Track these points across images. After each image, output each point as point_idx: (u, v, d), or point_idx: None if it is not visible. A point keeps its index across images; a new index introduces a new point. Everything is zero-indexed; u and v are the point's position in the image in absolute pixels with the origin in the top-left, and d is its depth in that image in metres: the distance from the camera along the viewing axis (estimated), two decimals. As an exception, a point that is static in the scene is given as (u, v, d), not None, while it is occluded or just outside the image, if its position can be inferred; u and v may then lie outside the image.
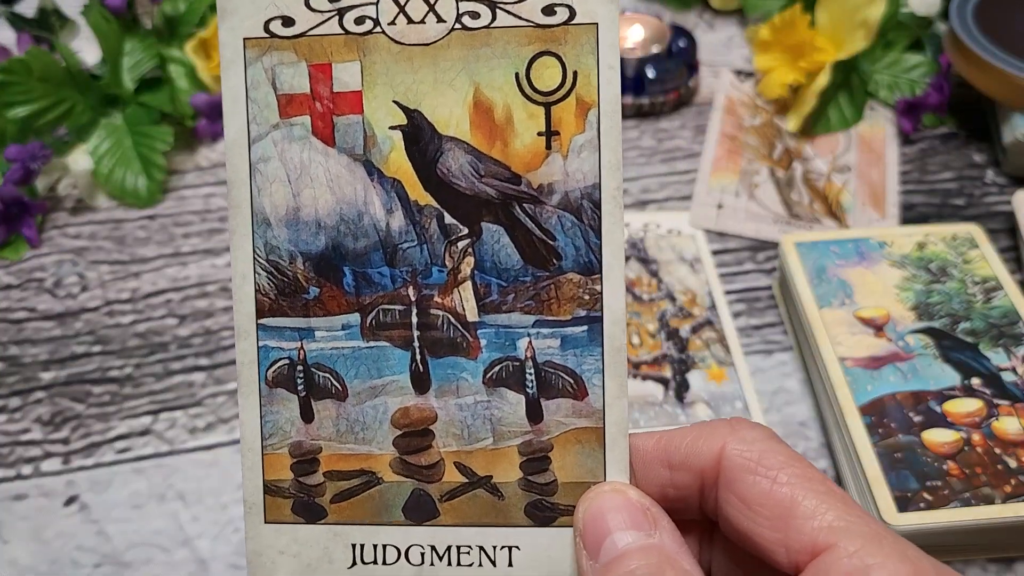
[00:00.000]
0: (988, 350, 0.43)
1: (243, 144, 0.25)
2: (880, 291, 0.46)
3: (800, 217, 0.56)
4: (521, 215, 0.24)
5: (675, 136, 0.63)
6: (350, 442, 0.25)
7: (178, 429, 0.45)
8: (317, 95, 0.25)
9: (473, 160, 0.24)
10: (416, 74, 0.24)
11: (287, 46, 0.25)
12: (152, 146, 0.58)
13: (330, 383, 0.25)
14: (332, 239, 0.25)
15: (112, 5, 0.59)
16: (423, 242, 0.25)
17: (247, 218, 0.25)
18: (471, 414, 0.25)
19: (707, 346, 0.48)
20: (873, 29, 0.59)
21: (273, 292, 0.25)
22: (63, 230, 0.57)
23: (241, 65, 0.25)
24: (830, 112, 0.62)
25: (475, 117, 0.24)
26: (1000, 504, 0.37)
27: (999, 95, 0.57)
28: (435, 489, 0.25)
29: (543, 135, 0.24)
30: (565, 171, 0.24)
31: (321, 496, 0.25)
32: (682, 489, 0.24)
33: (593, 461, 0.24)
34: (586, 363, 0.24)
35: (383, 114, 0.24)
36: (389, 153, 0.25)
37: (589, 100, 0.24)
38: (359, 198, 0.25)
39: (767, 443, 0.23)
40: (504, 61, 0.24)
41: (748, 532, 0.22)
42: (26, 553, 0.41)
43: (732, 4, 0.73)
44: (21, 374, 0.48)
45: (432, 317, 0.25)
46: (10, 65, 0.55)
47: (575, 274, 0.24)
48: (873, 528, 0.21)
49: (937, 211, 0.56)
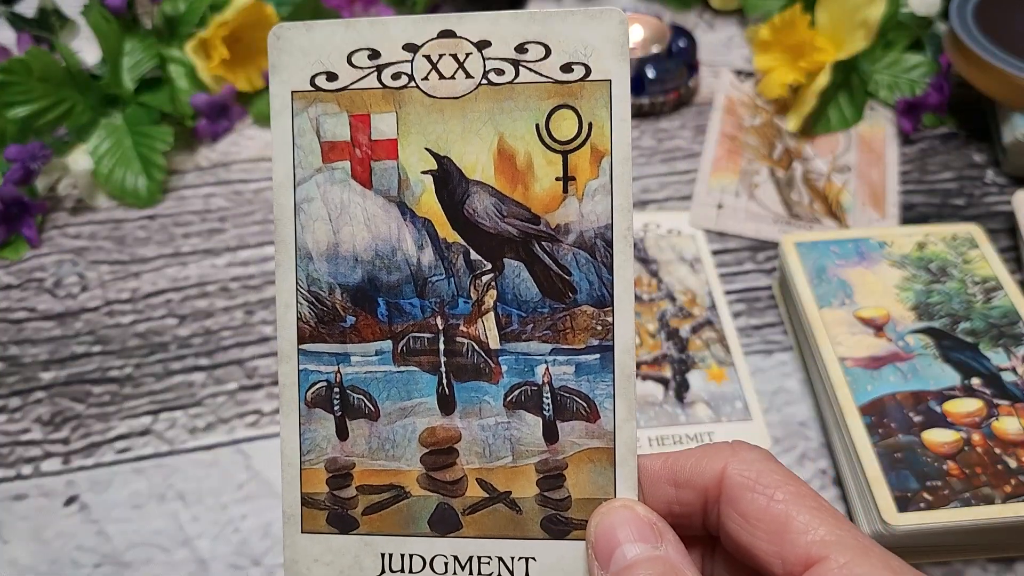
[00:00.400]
0: (988, 350, 0.43)
1: (289, 186, 0.27)
2: (880, 291, 0.46)
3: (800, 217, 0.56)
4: (540, 252, 0.27)
5: (675, 136, 0.63)
6: (381, 459, 0.27)
7: (178, 429, 0.45)
8: (357, 142, 0.27)
9: (497, 202, 0.27)
10: (446, 124, 0.27)
11: (331, 98, 0.27)
12: (152, 146, 0.58)
13: (364, 404, 0.27)
14: (368, 272, 0.27)
15: (112, 5, 0.59)
16: (450, 276, 0.27)
17: (291, 252, 0.27)
18: (492, 434, 0.27)
19: (707, 346, 0.48)
20: (873, 29, 0.59)
21: (313, 320, 0.27)
22: (63, 230, 0.57)
23: (289, 115, 0.28)
24: (830, 112, 0.62)
25: (499, 163, 0.27)
26: (1000, 504, 0.37)
27: (999, 95, 0.57)
28: (458, 503, 0.27)
29: (560, 180, 0.26)
30: (580, 213, 0.26)
31: (354, 508, 0.27)
32: (687, 506, 0.26)
33: (604, 479, 0.26)
34: (598, 388, 0.26)
35: (416, 160, 0.27)
36: (421, 195, 0.27)
37: (603, 149, 0.26)
38: (393, 235, 0.27)
39: (765, 464, 0.25)
40: (526, 113, 0.26)
41: (747, 546, 0.24)
42: (26, 553, 0.41)
43: (732, 4, 0.73)
44: (21, 374, 0.48)
45: (458, 344, 0.27)
46: (10, 65, 0.55)
47: (589, 307, 0.26)
48: (861, 541, 0.23)
49: (937, 211, 0.56)
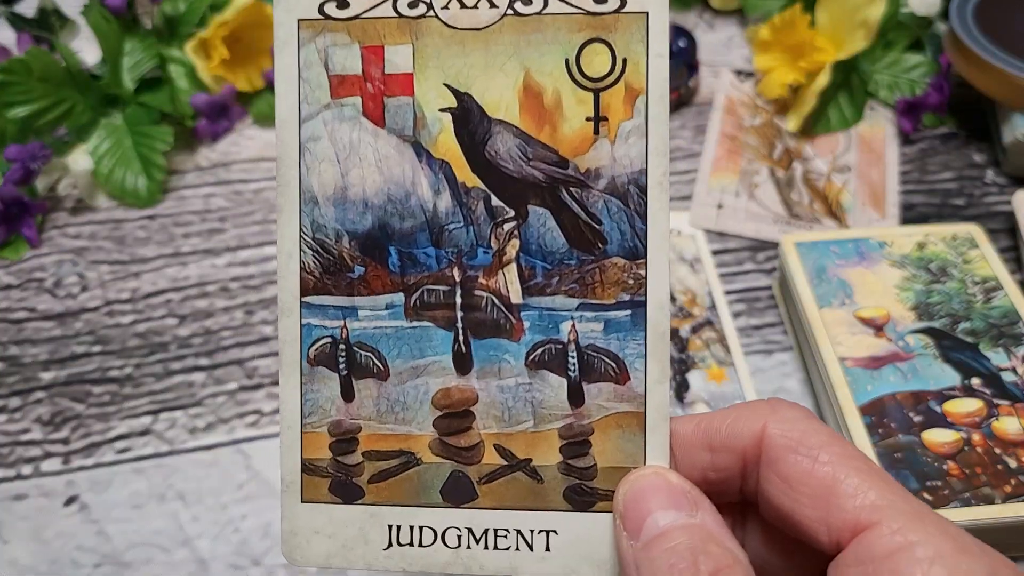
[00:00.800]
0: (988, 350, 0.43)
1: (293, 123, 0.25)
2: (880, 291, 0.46)
3: (800, 217, 0.56)
4: (568, 199, 0.25)
5: (675, 136, 0.63)
6: (390, 422, 0.25)
7: (178, 429, 0.45)
8: (369, 76, 0.25)
9: (521, 143, 0.25)
10: (467, 58, 0.25)
11: (340, 28, 0.25)
12: (152, 146, 0.58)
13: (372, 362, 0.25)
14: (379, 219, 0.25)
15: (112, 5, 0.59)
16: (469, 224, 0.25)
17: (295, 196, 0.25)
18: (512, 396, 0.25)
19: (707, 346, 0.48)
20: (873, 29, 0.59)
21: (318, 270, 0.25)
22: (63, 230, 0.57)
23: (294, 45, 0.25)
24: (830, 112, 0.62)
25: (525, 101, 0.24)
26: (1000, 504, 0.37)
27: (999, 95, 0.57)
28: (474, 471, 0.25)
29: (591, 120, 0.24)
30: (612, 156, 0.24)
31: (359, 476, 0.25)
32: (723, 471, 0.24)
33: (634, 446, 0.24)
34: (629, 347, 0.25)
35: (433, 96, 0.25)
36: (438, 135, 0.25)
37: (638, 87, 0.24)
38: (407, 179, 0.25)
39: (808, 423, 0.23)
40: (555, 47, 0.24)
41: (789, 511, 0.22)
42: (26, 553, 0.41)
43: (732, 4, 0.73)
44: (21, 374, 0.48)
45: (476, 298, 0.25)
46: (10, 65, 0.55)
47: (620, 258, 0.25)
48: (915, 507, 0.21)
49: (937, 211, 0.56)
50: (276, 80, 0.25)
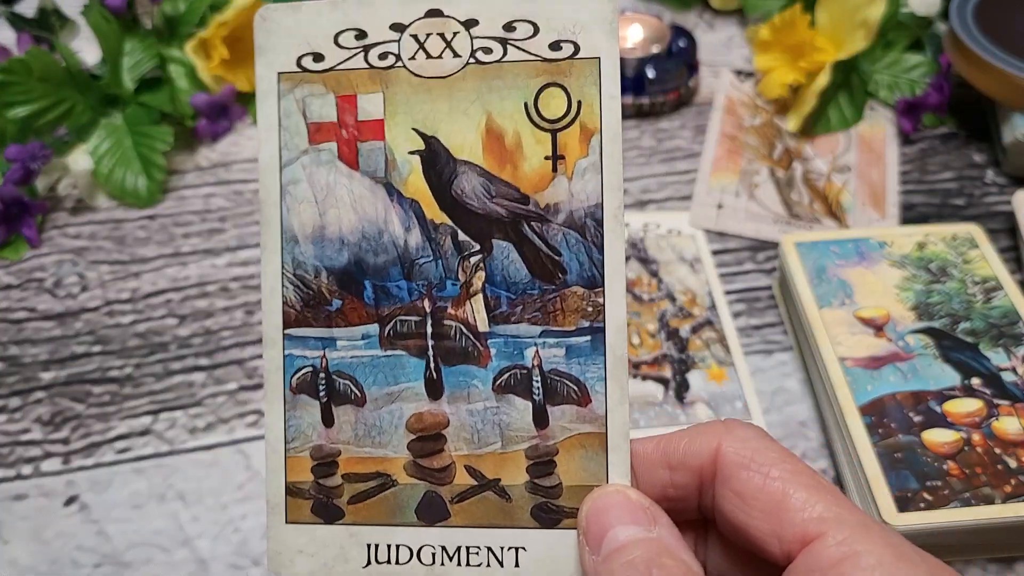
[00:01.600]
0: (988, 350, 0.43)
1: (275, 168, 0.27)
2: (880, 291, 0.46)
3: (800, 217, 0.56)
4: (529, 232, 0.26)
5: (675, 136, 0.63)
6: (367, 446, 0.27)
7: (178, 429, 0.45)
8: (343, 123, 0.27)
9: (485, 182, 0.26)
10: (434, 104, 0.26)
11: (317, 79, 0.27)
12: (152, 146, 0.58)
13: (350, 389, 0.27)
14: (354, 255, 0.27)
15: (112, 5, 0.59)
16: (438, 257, 0.27)
17: (277, 235, 0.27)
18: (481, 419, 0.26)
19: (707, 346, 0.48)
20: (873, 29, 0.59)
21: (299, 304, 0.27)
22: (63, 230, 0.57)
23: (275, 97, 0.27)
24: (830, 112, 0.62)
25: (487, 142, 0.26)
26: (1000, 504, 0.37)
27: (999, 95, 0.57)
28: (446, 491, 0.26)
29: (550, 159, 0.26)
30: (570, 192, 0.26)
31: (339, 497, 0.27)
32: (681, 488, 0.25)
33: (596, 465, 0.26)
34: (589, 371, 0.26)
35: (403, 140, 0.27)
36: (408, 176, 0.27)
37: (592, 127, 0.26)
38: (380, 217, 0.27)
39: (760, 441, 0.24)
40: (514, 92, 0.26)
41: (743, 525, 0.23)
42: (26, 553, 0.41)
43: (732, 4, 0.73)
44: (21, 374, 0.48)
45: (446, 327, 0.27)
46: (10, 65, 0.55)
47: (579, 287, 0.26)
48: (859, 518, 0.22)
49: (937, 211, 0.56)
50: (259, 128, 0.27)
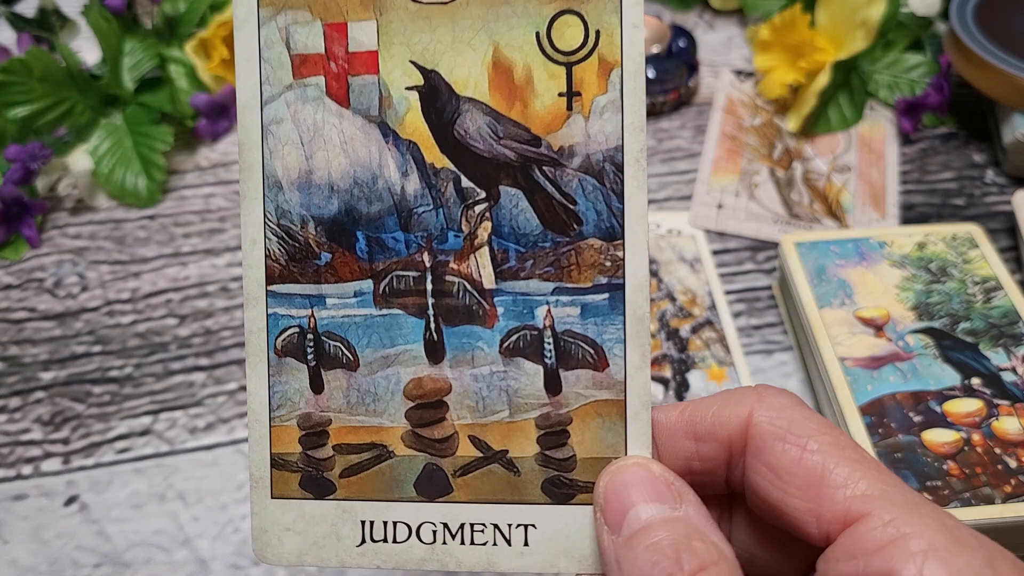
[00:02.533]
0: (988, 350, 0.43)
1: (255, 106, 0.24)
2: (880, 291, 0.46)
3: (800, 217, 0.56)
4: (541, 178, 0.24)
5: (675, 136, 0.63)
6: (361, 414, 0.24)
7: (178, 429, 0.45)
8: (332, 55, 0.24)
9: (491, 121, 0.24)
10: (434, 33, 0.23)
11: (302, 4, 0.24)
12: (152, 146, 0.58)
13: (341, 352, 0.24)
14: (345, 203, 0.24)
15: (112, 5, 0.59)
16: (439, 206, 0.24)
17: (258, 181, 0.24)
18: (487, 385, 0.24)
19: (707, 346, 0.48)
20: (873, 29, 0.59)
21: (284, 258, 0.24)
22: (63, 230, 0.57)
23: (255, 24, 0.24)
24: (830, 112, 0.62)
25: (494, 77, 0.24)
26: (1000, 504, 0.37)
27: (999, 95, 0.57)
28: (448, 464, 0.24)
29: (564, 96, 0.23)
30: (587, 133, 0.23)
31: (330, 470, 0.24)
32: (709, 461, 0.23)
33: (614, 435, 0.23)
34: (607, 332, 0.24)
35: (399, 74, 0.24)
36: (405, 114, 0.24)
37: (612, 60, 0.23)
38: (373, 160, 0.24)
39: (796, 410, 0.22)
40: (524, 20, 0.23)
41: (777, 502, 0.21)
42: (26, 553, 0.41)
43: (732, 4, 0.73)
44: (21, 374, 0.48)
45: (447, 284, 0.24)
46: (10, 65, 0.55)
47: (596, 240, 0.24)
48: (909, 497, 0.20)
49: (937, 211, 0.56)
50: (236, 61, 0.24)
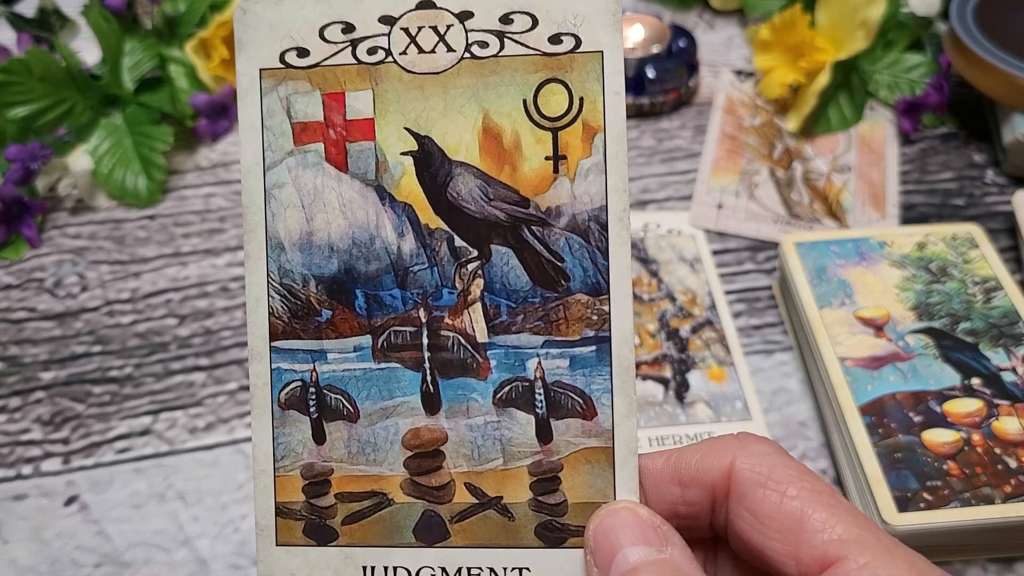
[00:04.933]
0: (988, 350, 0.43)
1: (258, 171, 0.25)
2: (880, 291, 0.46)
3: (800, 217, 0.56)
4: (530, 237, 0.25)
5: (675, 136, 0.63)
6: (361, 463, 0.25)
7: (178, 429, 0.45)
8: (331, 123, 0.25)
9: (482, 184, 0.25)
10: (427, 101, 0.25)
11: (302, 76, 0.25)
12: (152, 146, 0.58)
13: (342, 404, 0.26)
14: (344, 262, 0.25)
15: (112, 5, 0.59)
16: (434, 265, 0.25)
17: (261, 242, 0.25)
18: (481, 435, 0.25)
19: (707, 346, 0.48)
20: (873, 29, 0.59)
21: (286, 315, 0.26)
22: (63, 230, 0.57)
23: (257, 94, 0.25)
24: (830, 112, 0.62)
25: (484, 142, 0.25)
26: (1000, 504, 0.37)
27: (999, 95, 0.57)
28: (445, 510, 0.25)
29: (551, 159, 0.25)
30: (572, 194, 0.25)
31: (332, 518, 0.26)
32: (693, 506, 0.24)
33: (603, 481, 0.25)
34: (595, 383, 0.25)
35: (394, 140, 0.25)
36: (400, 178, 0.25)
37: (595, 125, 0.25)
38: (371, 222, 0.25)
39: (776, 457, 0.23)
40: (512, 88, 0.25)
41: (759, 546, 0.23)
42: (26, 553, 0.41)
43: (732, 4, 0.73)
44: (21, 374, 0.48)
45: (443, 338, 0.25)
46: (10, 65, 0.55)
47: (583, 295, 0.25)
48: (883, 540, 0.21)
49: (937, 211, 0.56)
50: (240, 129, 0.26)
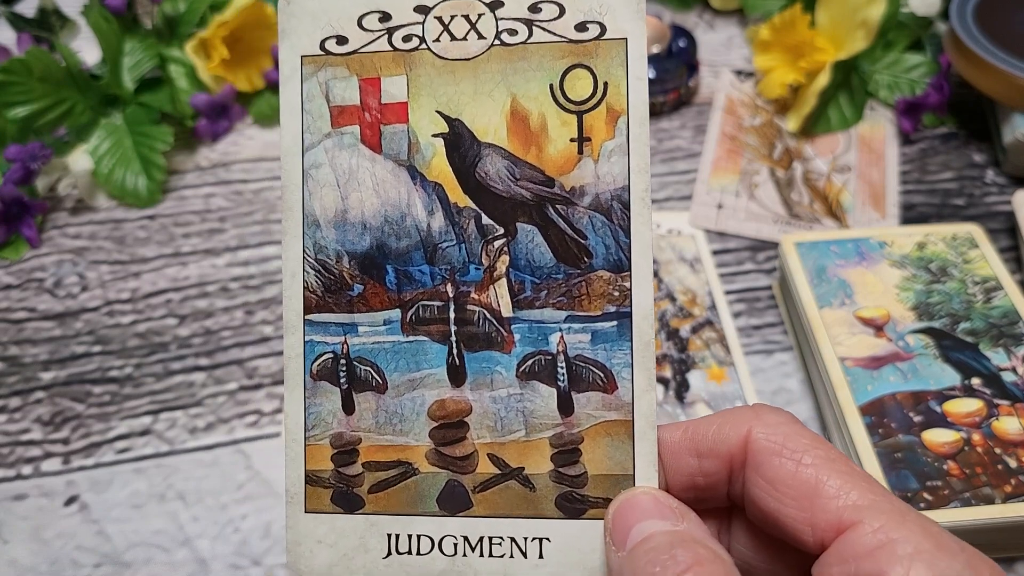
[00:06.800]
0: (988, 350, 0.43)
1: (297, 152, 0.27)
2: (880, 291, 0.46)
3: (800, 217, 0.56)
4: (554, 216, 0.26)
5: (675, 136, 0.63)
6: (388, 433, 0.26)
7: (178, 429, 0.45)
8: (366, 106, 0.27)
9: (510, 165, 0.26)
10: (458, 86, 0.26)
11: (340, 62, 0.27)
12: (152, 146, 0.58)
13: (371, 376, 0.27)
14: (377, 239, 0.27)
15: (112, 5, 0.59)
16: (461, 242, 0.26)
17: (298, 220, 0.27)
18: (504, 406, 0.26)
19: (707, 346, 0.48)
20: (873, 29, 0.59)
21: (320, 289, 0.27)
22: (63, 230, 0.57)
23: (298, 80, 0.27)
24: (830, 112, 0.62)
25: (512, 125, 0.26)
26: (1000, 504, 0.37)
27: (999, 95, 0.57)
28: (469, 480, 0.26)
29: (575, 141, 0.26)
30: (596, 174, 0.26)
31: (359, 486, 0.26)
32: (711, 476, 0.25)
33: (622, 453, 0.25)
34: (616, 357, 0.26)
35: (427, 123, 0.26)
36: (431, 159, 0.26)
37: (619, 108, 0.26)
38: (403, 200, 0.27)
39: (791, 427, 0.24)
40: (539, 73, 0.26)
41: (775, 513, 0.23)
42: (26, 553, 0.41)
43: (732, 4, 0.73)
44: (21, 374, 0.48)
45: (469, 313, 0.26)
46: (10, 65, 0.55)
47: (605, 271, 0.26)
48: (896, 505, 0.22)
49: (937, 211, 0.56)
50: (281, 112, 0.27)
